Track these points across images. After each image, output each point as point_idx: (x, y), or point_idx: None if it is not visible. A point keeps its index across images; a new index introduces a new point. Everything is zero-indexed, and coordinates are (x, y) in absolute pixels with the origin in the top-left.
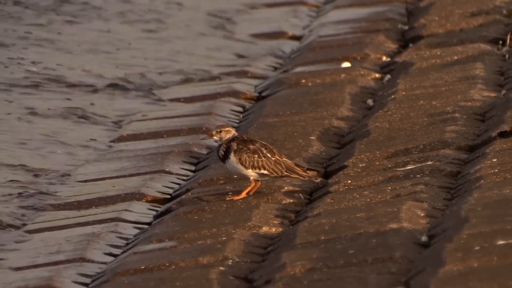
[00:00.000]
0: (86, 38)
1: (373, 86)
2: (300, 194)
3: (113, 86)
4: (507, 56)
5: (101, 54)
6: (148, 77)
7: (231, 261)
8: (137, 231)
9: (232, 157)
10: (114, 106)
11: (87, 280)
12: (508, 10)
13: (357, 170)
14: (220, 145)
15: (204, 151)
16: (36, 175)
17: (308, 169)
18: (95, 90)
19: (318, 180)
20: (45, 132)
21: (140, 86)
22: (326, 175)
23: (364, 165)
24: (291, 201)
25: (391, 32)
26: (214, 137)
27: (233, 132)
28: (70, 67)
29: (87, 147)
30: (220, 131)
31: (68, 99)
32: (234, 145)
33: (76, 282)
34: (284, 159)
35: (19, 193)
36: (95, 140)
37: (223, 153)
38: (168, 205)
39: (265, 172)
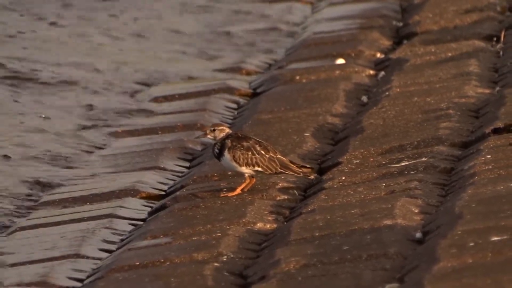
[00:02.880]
0: (80, 32)
1: (368, 83)
2: (295, 191)
3: (106, 82)
4: (501, 52)
5: (96, 49)
6: (143, 73)
7: (225, 257)
8: (131, 227)
9: (226, 154)
10: (108, 102)
11: (82, 276)
12: (502, 7)
13: (351, 167)
14: (215, 143)
15: (199, 148)
16: (30, 172)
17: (302, 166)
18: (87, 86)
19: (313, 177)
20: (39, 128)
21: (135, 82)
22: (321, 172)
23: (358, 161)
24: (286, 197)
25: (386, 29)
26: (208, 136)
27: (227, 130)
28: (63, 63)
29: (82, 144)
30: (214, 130)
31: (63, 95)
32: (228, 143)
33: (71, 278)
34: (278, 156)
35: (14, 189)
36: (89, 136)
37: (218, 150)
38: (162, 201)
39: (259, 169)
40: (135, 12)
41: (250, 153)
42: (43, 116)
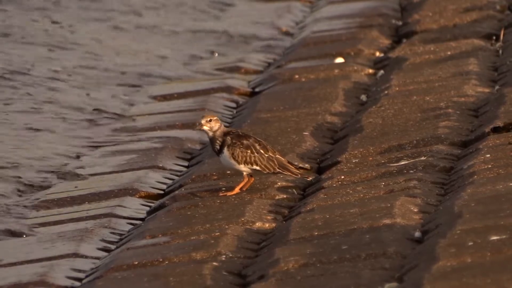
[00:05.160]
0: (79, 30)
1: (367, 82)
2: (294, 190)
3: (105, 82)
4: (500, 51)
5: (95, 46)
6: (142, 73)
7: (224, 256)
8: (130, 226)
9: (226, 152)
10: (108, 102)
11: (81, 275)
12: (502, 6)
13: (350, 166)
14: (215, 138)
15: (198, 147)
16: (29, 171)
17: (300, 167)
18: (85, 86)
19: (310, 178)
20: (38, 127)
21: (134, 81)
22: (320, 171)
23: (357, 160)
24: (285, 196)
25: (385, 27)
26: (204, 126)
27: (219, 122)
28: (63, 61)
29: (81, 143)
30: (210, 120)
31: (59, 94)
32: (228, 140)
33: (69, 278)
34: (277, 156)
35: (13, 189)
36: (88, 136)
37: (218, 147)
38: (161, 200)
39: (257, 168)
40: (132, 10)
41: (249, 151)
42: (40, 115)
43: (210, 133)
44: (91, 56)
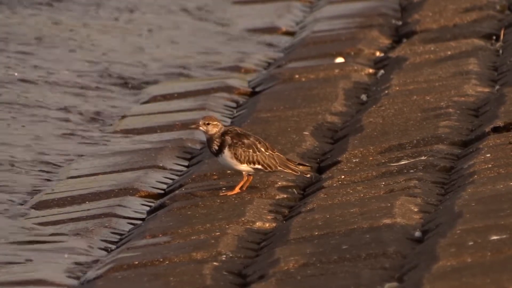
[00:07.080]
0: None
1: (367, 82)
2: (294, 190)
3: (105, 82)
4: (500, 51)
5: (90, 49)
6: (142, 73)
7: (224, 256)
8: (130, 226)
9: (227, 152)
10: (107, 102)
11: (81, 275)
12: (502, 6)
13: (350, 165)
14: (212, 139)
15: (198, 146)
16: (28, 171)
17: (299, 164)
18: (86, 85)
19: (310, 175)
20: (38, 127)
21: (134, 81)
22: (320, 171)
23: (357, 160)
24: (285, 196)
25: (385, 27)
26: (200, 128)
27: (220, 126)
28: (59, 63)
29: (80, 142)
30: (208, 124)
31: (59, 95)
32: (228, 139)
33: (69, 277)
34: (277, 153)
35: (13, 189)
36: (88, 135)
37: (217, 147)
38: (161, 200)
39: (259, 167)
40: (131, 9)
41: (251, 150)
42: (41, 114)
43: (207, 134)
44: (90, 53)
